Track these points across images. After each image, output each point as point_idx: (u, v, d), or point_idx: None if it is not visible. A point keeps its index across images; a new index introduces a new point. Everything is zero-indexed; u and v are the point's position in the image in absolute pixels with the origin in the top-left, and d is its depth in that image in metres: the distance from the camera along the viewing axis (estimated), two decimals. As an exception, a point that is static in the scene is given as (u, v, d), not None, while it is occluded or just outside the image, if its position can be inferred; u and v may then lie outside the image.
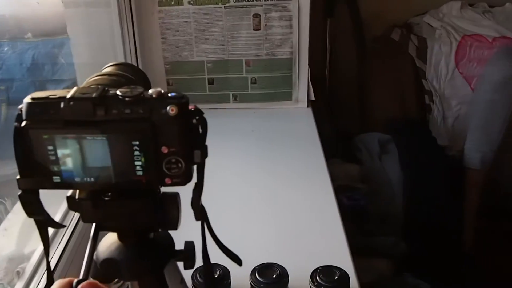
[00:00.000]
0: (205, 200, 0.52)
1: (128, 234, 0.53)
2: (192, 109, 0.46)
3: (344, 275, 0.96)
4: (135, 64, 1.68)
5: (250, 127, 1.68)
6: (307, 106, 1.87)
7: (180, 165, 0.46)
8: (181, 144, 0.46)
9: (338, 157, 1.83)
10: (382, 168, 1.83)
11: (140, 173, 0.47)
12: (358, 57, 2.44)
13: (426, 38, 2.25)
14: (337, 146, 1.87)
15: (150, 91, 0.46)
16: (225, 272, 0.96)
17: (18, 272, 0.88)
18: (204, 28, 1.72)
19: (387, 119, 2.15)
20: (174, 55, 1.76)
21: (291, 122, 1.80)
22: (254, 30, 1.74)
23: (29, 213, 0.51)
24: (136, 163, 0.46)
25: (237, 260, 0.56)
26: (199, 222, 0.53)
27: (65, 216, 1.07)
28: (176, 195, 0.52)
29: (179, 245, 0.57)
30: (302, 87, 1.84)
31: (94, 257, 0.51)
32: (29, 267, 0.92)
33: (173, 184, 0.48)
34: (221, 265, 0.96)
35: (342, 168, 1.76)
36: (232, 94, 1.83)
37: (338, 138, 2.14)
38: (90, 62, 1.53)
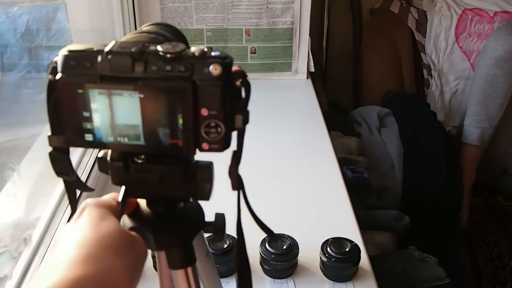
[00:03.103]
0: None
1: (158, 202, 0.50)
2: (236, 71, 0.44)
3: (355, 247, 0.95)
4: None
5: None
6: (307, 78, 1.84)
7: (219, 129, 0.44)
8: (223, 107, 0.43)
9: (336, 130, 1.81)
10: (382, 141, 1.81)
11: (177, 135, 0.44)
12: (355, 29, 2.41)
13: (426, 11, 2.22)
14: (334, 119, 1.85)
15: (193, 49, 0.43)
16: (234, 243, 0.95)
17: (25, 239, 0.86)
18: (205, -5, 1.68)
19: (384, 93, 2.13)
20: (173, 22, 1.71)
21: (291, 94, 1.78)
22: (255, -2, 1.70)
23: (58, 173, 0.49)
24: (173, 124, 0.43)
25: (270, 233, 0.54)
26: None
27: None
28: (210, 164, 0.49)
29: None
30: (302, 58, 1.81)
31: (121, 223, 0.48)
32: (36, 234, 0.89)
33: (210, 150, 0.45)
34: (230, 235, 0.95)
35: (341, 141, 1.74)
36: (231, 63, 1.79)
37: (334, 111, 2.12)
38: (86, 28, 1.49)
